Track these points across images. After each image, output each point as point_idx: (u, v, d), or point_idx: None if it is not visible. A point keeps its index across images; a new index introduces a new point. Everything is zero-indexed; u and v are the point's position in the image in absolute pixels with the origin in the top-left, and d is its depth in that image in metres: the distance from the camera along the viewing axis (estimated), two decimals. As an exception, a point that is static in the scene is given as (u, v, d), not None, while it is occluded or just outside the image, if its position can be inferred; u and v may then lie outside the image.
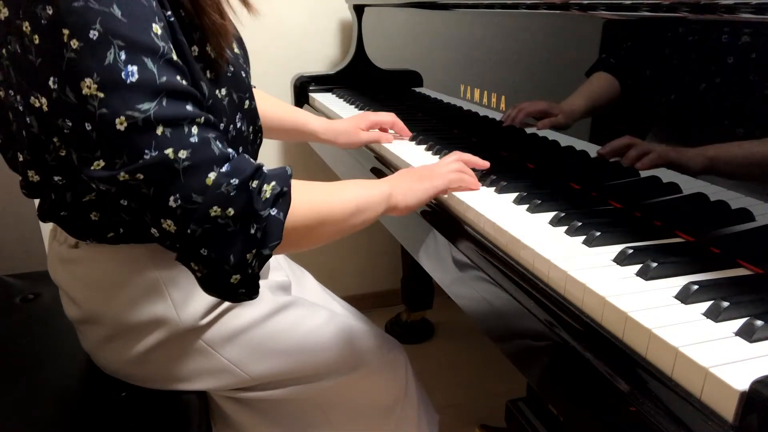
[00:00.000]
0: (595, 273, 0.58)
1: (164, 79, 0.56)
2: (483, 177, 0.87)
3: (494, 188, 0.83)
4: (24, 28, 0.55)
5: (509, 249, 0.68)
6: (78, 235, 0.72)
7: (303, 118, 1.10)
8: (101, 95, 0.53)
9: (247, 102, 0.74)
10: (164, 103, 0.55)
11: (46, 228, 1.60)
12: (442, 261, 0.80)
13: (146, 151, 0.55)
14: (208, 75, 0.67)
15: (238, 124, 0.72)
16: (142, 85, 0.54)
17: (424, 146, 1.07)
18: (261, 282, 0.83)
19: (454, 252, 0.76)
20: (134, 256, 0.73)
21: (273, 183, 0.62)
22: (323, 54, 1.77)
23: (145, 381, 0.80)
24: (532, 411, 1.09)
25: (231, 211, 0.58)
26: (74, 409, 0.79)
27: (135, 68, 0.54)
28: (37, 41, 0.55)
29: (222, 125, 0.68)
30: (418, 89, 1.31)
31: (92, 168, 0.56)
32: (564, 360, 0.56)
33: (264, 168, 0.63)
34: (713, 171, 0.62)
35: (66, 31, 0.53)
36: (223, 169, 0.58)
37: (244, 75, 0.74)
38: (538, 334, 0.59)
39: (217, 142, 0.59)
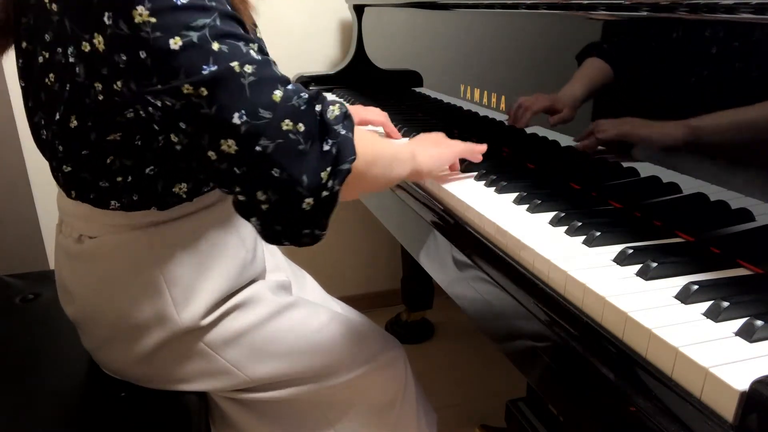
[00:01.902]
0: (595, 273, 0.58)
1: (214, 3, 0.56)
2: (483, 177, 0.87)
3: (494, 188, 0.83)
4: None
5: (509, 249, 0.68)
6: (101, 196, 0.70)
7: None
8: (153, 20, 0.54)
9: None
10: (218, 22, 0.55)
11: (46, 228, 1.60)
12: (442, 261, 0.80)
13: (204, 66, 0.54)
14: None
15: None
16: (193, 5, 0.54)
17: (424, 146, 1.07)
18: (261, 283, 0.84)
19: (454, 252, 0.76)
20: (137, 254, 0.73)
21: (338, 105, 0.61)
22: (323, 54, 1.77)
23: (146, 381, 0.80)
24: (532, 411, 1.09)
25: (301, 127, 0.56)
26: (74, 409, 0.79)
27: None
28: None
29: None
30: (418, 89, 1.31)
31: (149, 89, 0.56)
32: (564, 360, 0.56)
33: (323, 93, 0.62)
34: (710, 171, 0.62)
35: None
36: (289, 87, 0.57)
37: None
38: (538, 334, 0.59)
39: (277, 67, 0.58)
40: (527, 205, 0.76)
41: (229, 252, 0.79)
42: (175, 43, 0.54)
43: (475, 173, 0.89)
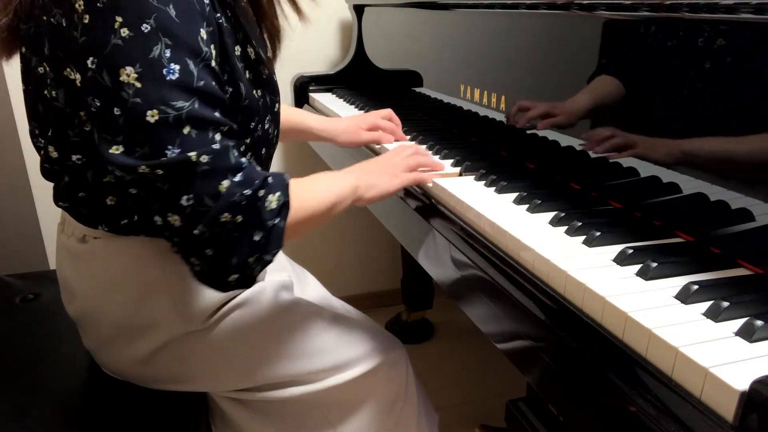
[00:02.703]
0: (595, 273, 0.58)
1: (202, 83, 0.58)
2: (483, 177, 0.87)
3: (494, 188, 0.83)
4: (77, 6, 0.57)
5: (509, 249, 0.68)
6: (91, 220, 0.72)
7: (302, 116, 1.10)
8: (138, 85, 0.55)
9: (277, 105, 0.76)
10: (196, 105, 0.57)
11: (46, 228, 1.60)
12: (442, 261, 0.80)
13: (169, 147, 0.56)
14: (248, 75, 0.69)
15: (266, 126, 0.74)
16: (180, 84, 0.57)
17: (424, 146, 1.07)
18: (262, 283, 0.84)
19: (454, 252, 0.76)
20: (140, 254, 0.73)
21: (278, 194, 0.64)
22: (323, 54, 1.77)
23: (147, 381, 0.80)
24: (532, 411, 1.09)
25: (239, 218, 0.60)
26: (74, 409, 0.79)
27: (177, 67, 0.56)
28: (86, 20, 0.56)
29: (252, 124, 0.70)
30: (418, 89, 1.31)
31: (111, 152, 0.58)
32: (564, 360, 0.56)
33: (270, 179, 0.64)
34: (715, 172, 0.62)
35: (119, 19, 0.55)
36: (236, 179, 0.60)
37: (275, 79, 0.76)
38: (538, 334, 0.59)
39: (234, 151, 0.61)
40: (527, 205, 0.76)
41: None
42: (152, 116, 0.56)
43: (475, 173, 0.89)
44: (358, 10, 1.61)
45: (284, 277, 0.93)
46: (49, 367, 0.86)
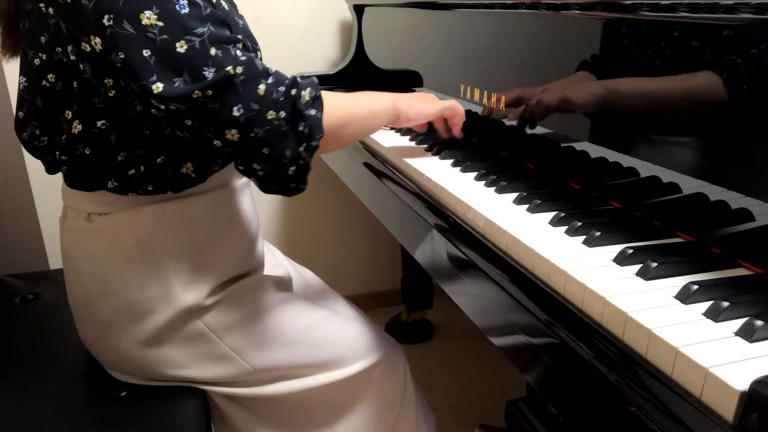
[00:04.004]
0: (595, 273, 0.58)
1: (209, 10, 0.65)
2: (483, 177, 0.87)
3: (494, 188, 0.83)
4: None
5: (509, 249, 0.68)
6: (100, 180, 0.74)
7: None
8: (161, 24, 0.62)
9: (259, 54, 0.81)
10: (213, 29, 0.64)
11: (46, 228, 1.60)
12: (442, 261, 0.80)
13: (205, 69, 0.63)
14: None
15: None
16: (193, 15, 0.63)
17: (425, 146, 1.07)
18: (262, 276, 0.85)
19: (454, 252, 0.76)
20: (144, 231, 0.75)
21: (309, 89, 0.72)
22: (323, 54, 1.76)
23: (145, 370, 0.80)
24: (532, 411, 1.09)
25: (283, 114, 0.68)
26: (74, 409, 0.79)
27: (185, 2, 0.63)
28: None
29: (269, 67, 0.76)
30: (418, 89, 1.31)
31: (156, 92, 0.63)
32: (564, 360, 0.56)
33: (297, 78, 0.72)
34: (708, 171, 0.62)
35: None
36: (270, 81, 0.68)
37: (253, 36, 0.81)
38: (538, 334, 0.59)
39: (258, 60, 0.68)
40: (527, 205, 0.76)
41: (234, 235, 0.82)
42: (181, 46, 0.62)
43: (475, 173, 0.89)
44: (358, 10, 1.61)
45: (283, 273, 0.93)
46: (49, 367, 0.86)
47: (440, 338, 1.89)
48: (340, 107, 0.78)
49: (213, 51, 0.64)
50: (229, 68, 0.64)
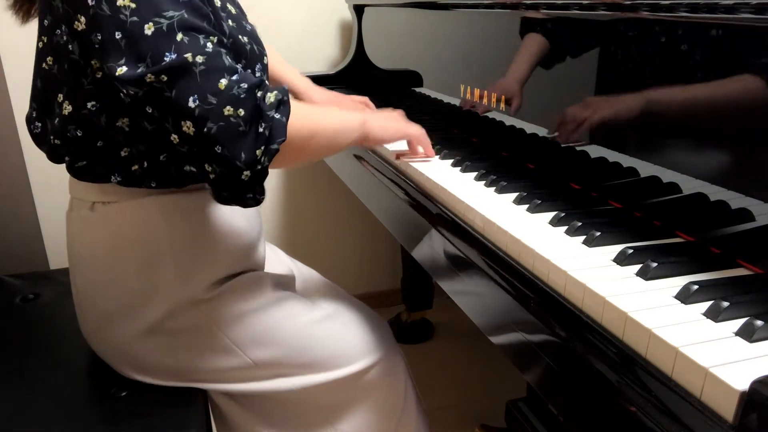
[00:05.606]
0: (595, 273, 0.58)
1: None
2: (483, 177, 0.87)
3: (494, 188, 0.83)
4: None
5: (509, 249, 0.68)
6: (105, 174, 0.75)
7: (289, 74, 1.14)
8: (133, 6, 0.61)
9: (265, 58, 0.81)
10: (186, 15, 0.63)
11: (46, 228, 1.60)
12: (442, 261, 0.80)
13: (167, 53, 0.62)
14: (230, 23, 0.74)
15: (257, 74, 0.78)
16: None
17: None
18: (264, 273, 0.85)
19: (454, 252, 0.76)
20: (147, 220, 0.76)
21: (275, 92, 0.69)
22: (323, 54, 1.76)
23: (146, 365, 0.80)
24: (532, 411, 1.09)
25: (242, 111, 0.64)
26: (74, 408, 0.79)
27: None
28: None
29: (239, 66, 0.74)
30: (418, 89, 1.31)
31: (118, 74, 0.62)
32: (564, 360, 0.56)
33: (266, 82, 0.70)
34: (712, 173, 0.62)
35: None
36: (234, 77, 0.65)
37: (260, 41, 0.81)
38: (538, 334, 0.59)
39: (227, 57, 0.66)
40: (527, 205, 0.76)
41: (236, 232, 0.82)
42: (149, 28, 0.62)
43: (475, 173, 0.89)
44: (358, 10, 1.61)
45: (286, 272, 0.93)
46: (50, 366, 0.86)
47: (440, 338, 1.89)
48: (305, 117, 0.74)
49: (179, 36, 0.62)
50: (188, 55, 0.62)
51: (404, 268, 1.85)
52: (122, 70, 0.62)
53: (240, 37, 0.75)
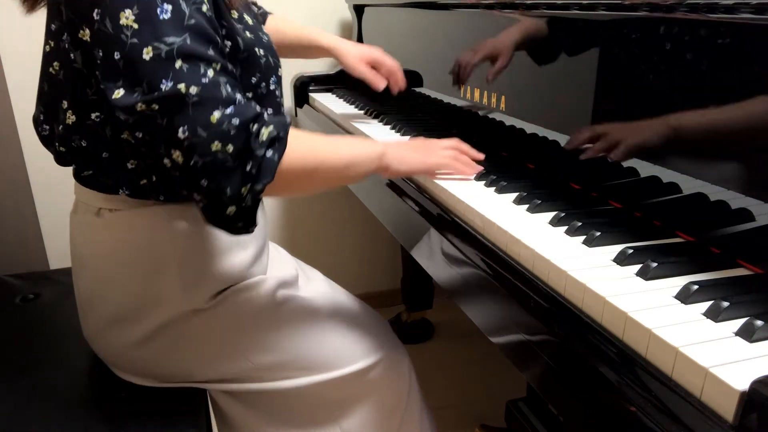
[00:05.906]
0: (595, 273, 0.58)
1: (193, 21, 0.62)
2: (483, 176, 0.87)
3: (494, 188, 0.83)
4: None
5: (509, 249, 0.68)
6: (113, 186, 0.74)
7: (309, 29, 1.17)
8: (135, 26, 0.60)
9: (280, 70, 0.80)
10: (188, 41, 0.61)
11: (46, 228, 1.60)
12: (442, 261, 0.80)
13: (163, 81, 0.60)
14: (248, 34, 0.73)
15: (272, 87, 0.78)
16: (172, 22, 0.61)
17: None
18: (267, 277, 0.85)
19: (454, 252, 0.76)
20: (152, 229, 0.76)
21: (271, 127, 0.66)
22: (323, 54, 1.76)
23: (147, 369, 0.80)
24: (532, 411, 1.09)
25: (230, 148, 0.62)
26: (75, 408, 0.79)
27: (169, 7, 0.61)
28: None
29: (254, 79, 0.74)
30: (418, 89, 1.31)
31: (114, 97, 0.62)
32: (564, 360, 0.56)
33: (265, 115, 0.67)
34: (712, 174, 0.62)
35: None
36: (228, 111, 0.63)
37: (275, 53, 0.80)
38: (538, 334, 0.59)
39: (227, 87, 0.64)
40: (527, 205, 0.76)
41: (242, 243, 0.81)
42: (147, 53, 0.60)
43: (475, 173, 0.89)
44: (358, 10, 1.60)
45: (288, 270, 0.93)
46: (49, 367, 0.86)
47: (440, 338, 1.89)
48: (307, 152, 0.71)
49: (178, 64, 0.61)
50: (181, 86, 0.60)
51: (404, 268, 1.85)
52: (119, 93, 0.61)
53: (256, 49, 0.74)
